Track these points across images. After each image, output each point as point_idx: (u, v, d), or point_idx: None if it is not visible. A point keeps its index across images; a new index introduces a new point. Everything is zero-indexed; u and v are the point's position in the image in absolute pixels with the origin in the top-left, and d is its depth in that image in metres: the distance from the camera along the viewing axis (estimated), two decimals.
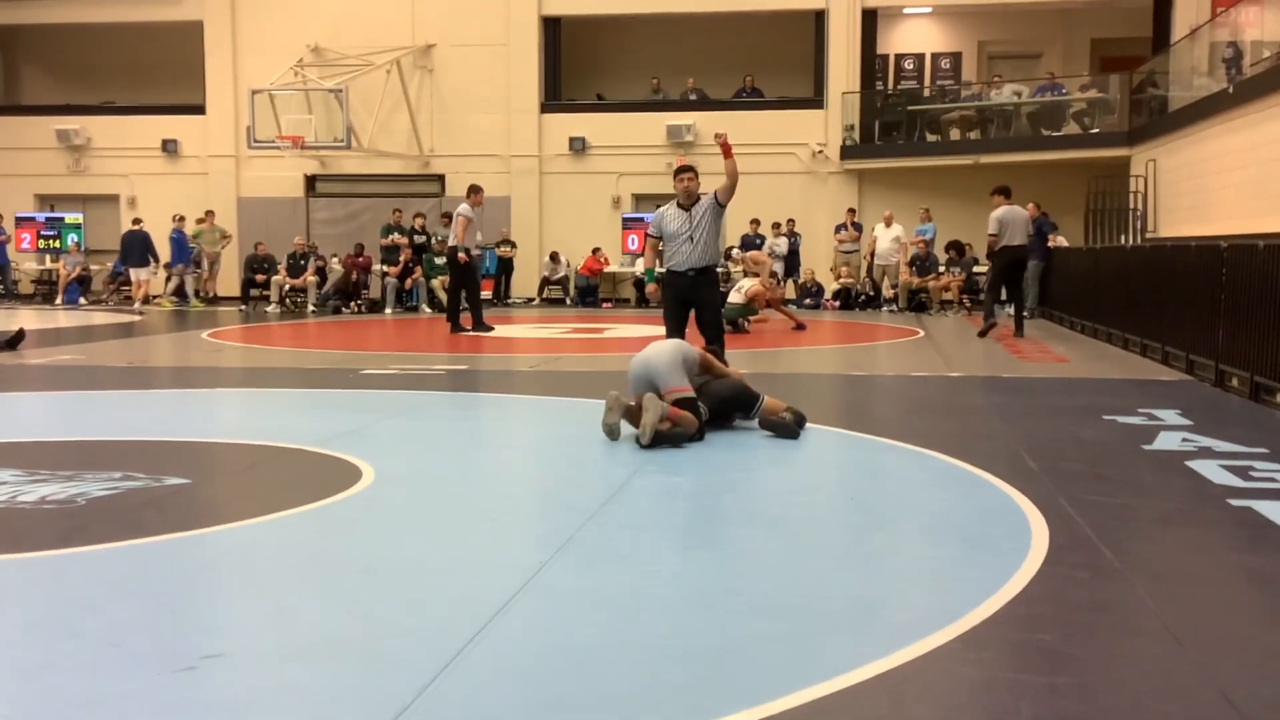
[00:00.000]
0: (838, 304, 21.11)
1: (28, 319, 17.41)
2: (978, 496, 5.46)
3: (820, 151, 23.06)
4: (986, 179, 18.76)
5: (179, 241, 22.29)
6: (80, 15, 24.53)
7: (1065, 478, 5.79)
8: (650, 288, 9.30)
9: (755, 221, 21.83)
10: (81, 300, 22.68)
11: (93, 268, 23.77)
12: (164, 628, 3.60)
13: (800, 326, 15.98)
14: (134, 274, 21.92)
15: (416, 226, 21.36)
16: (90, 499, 5.27)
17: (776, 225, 21.73)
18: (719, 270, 9.50)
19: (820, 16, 23.15)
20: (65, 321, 18.23)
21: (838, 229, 21.95)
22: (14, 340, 12.64)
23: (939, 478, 5.96)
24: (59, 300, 22.68)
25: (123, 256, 22.18)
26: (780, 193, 22.56)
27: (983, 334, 14.41)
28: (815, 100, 23.33)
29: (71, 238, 23.89)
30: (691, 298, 8.70)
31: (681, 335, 8.37)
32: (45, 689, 3.09)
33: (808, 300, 21.12)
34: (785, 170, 22.99)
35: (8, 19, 25.07)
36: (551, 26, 24.01)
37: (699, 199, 8.64)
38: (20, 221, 24.02)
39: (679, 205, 8.66)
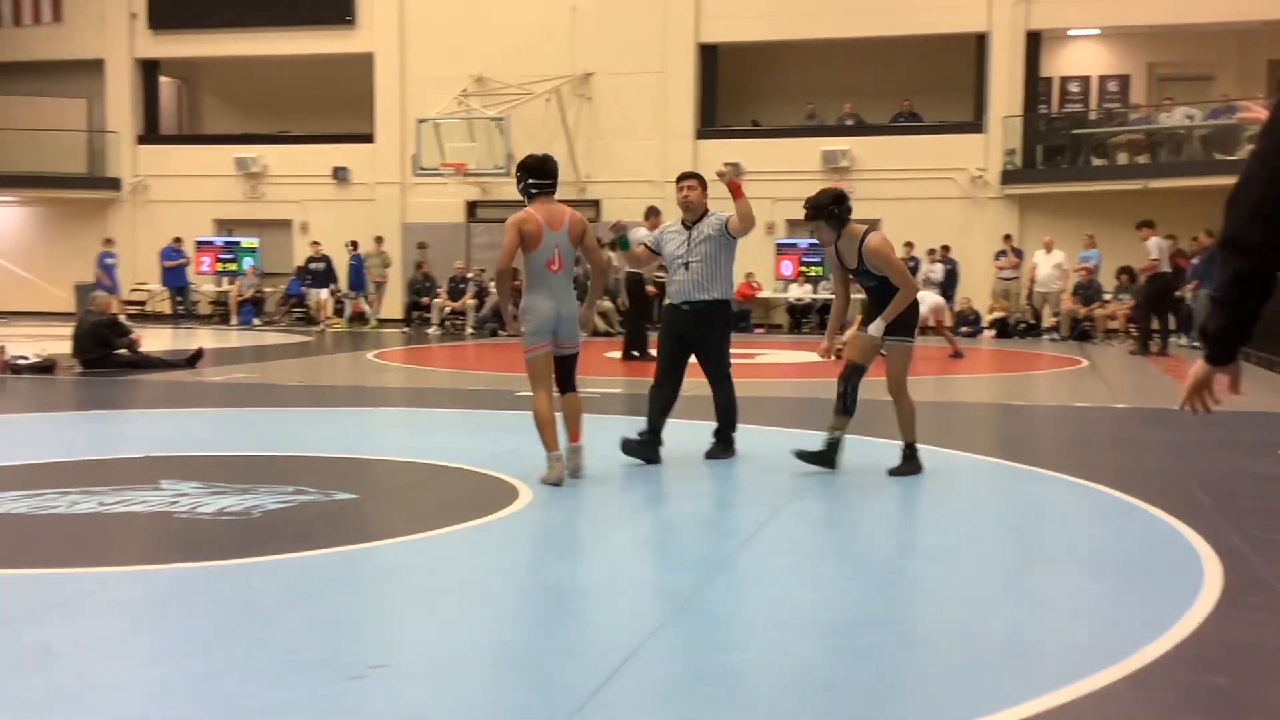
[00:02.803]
0: (994, 333, 20.65)
1: (205, 339, 18.25)
2: (1146, 532, 5.29)
3: (980, 176, 22.63)
4: (1154, 204, 18.16)
5: (356, 268, 23.15)
6: (259, 48, 25.69)
7: (1240, 515, 5.56)
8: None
9: (909, 245, 21.53)
10: (255, 321, 23.66)
11: (266, 290, 24.80)
12: (334, 637, 3.75)
13: (958, 354, 15.69)
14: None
15: None
16: (265, 511, 5.51)
17: (931, 251, 21.38)
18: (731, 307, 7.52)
19: (982, 40, 22.75)
20: (239, 341, 19.06)
21: (998, 255, 21.48)
22: (193, 359, 13.27)
23: (1104, 512, 5.78)
24: (234, 321, 23.72)
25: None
26: (938, 219, 22.19)
27: (1161, 350, 16.15)
28: (975, 124, 22.91)
29: (247, 261, 24.98)
30: (691, 338, 7.16)
31: (673, 382, 7.26)
32: (224, 694, 3.25)
33: (964, 328, 20.71)
34: (943, 196, 22.63)
35: (192, 52, 26.45)
36: (708, 53, 24.15)
37: (705, 216, 7.08)
38: (200, 245, 25.24)
39: (682, 223, 7.18)
